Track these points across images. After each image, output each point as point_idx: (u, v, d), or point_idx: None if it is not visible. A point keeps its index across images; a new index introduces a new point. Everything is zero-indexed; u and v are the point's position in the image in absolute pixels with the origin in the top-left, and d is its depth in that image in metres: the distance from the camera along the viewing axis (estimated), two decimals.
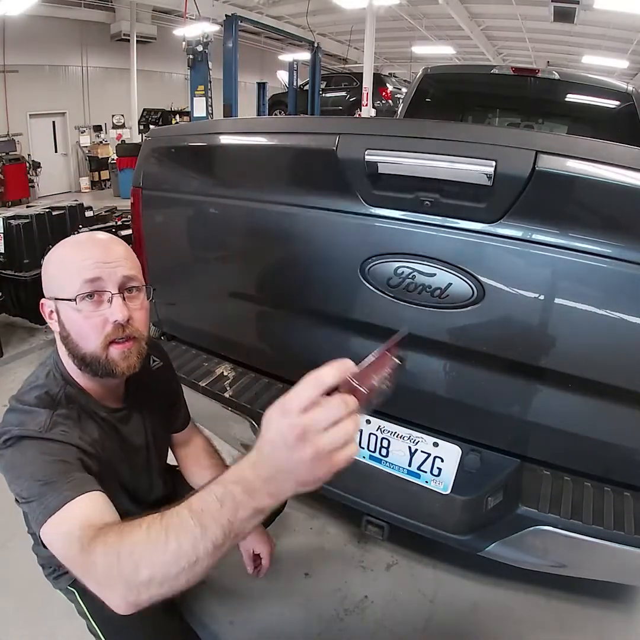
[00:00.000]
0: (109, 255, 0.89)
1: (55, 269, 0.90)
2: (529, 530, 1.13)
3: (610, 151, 0.97)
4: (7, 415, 0.90)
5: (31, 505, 0.79)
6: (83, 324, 0.88)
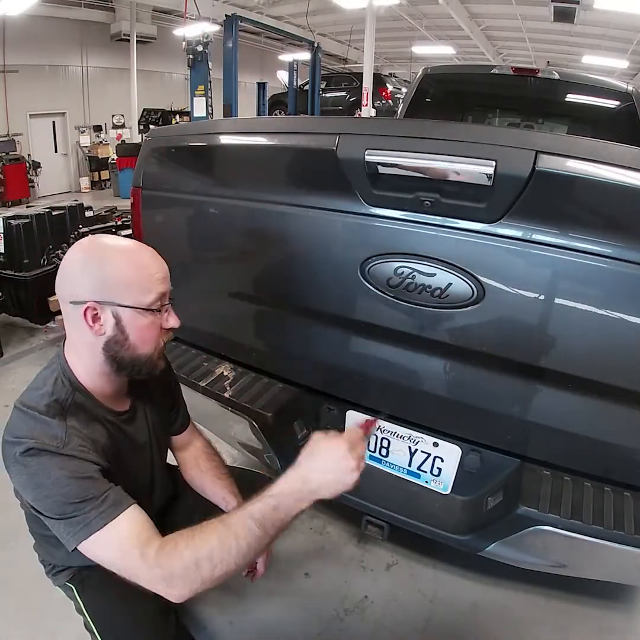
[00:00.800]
0: (163, 266, 0.97)
1: (121, 276, 0.91)
2: (529, 530, 1.13)
3: (610, 151, 0.97)
4: (17, 421, 0.92)
5: (65, 522, 0.85)
6: (149, 330, 0.95)
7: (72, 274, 0.93)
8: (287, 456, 1.44)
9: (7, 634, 1.45)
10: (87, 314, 0.91)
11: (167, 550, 0.82)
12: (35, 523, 1.10)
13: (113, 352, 0.95)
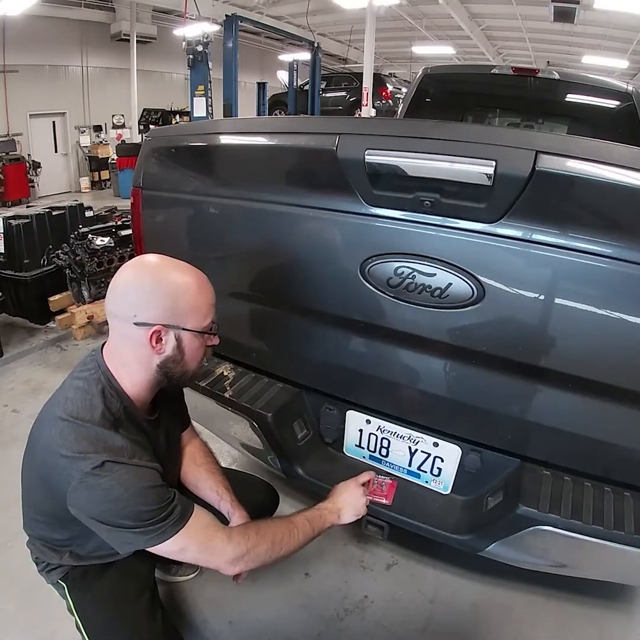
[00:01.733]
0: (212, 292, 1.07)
1: (188, 302, 1.01)
2: (529, 530, 1.13)
3: (610, 151, 0.97)
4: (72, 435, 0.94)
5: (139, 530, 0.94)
6: (200, 349, 1.07)
7: (140, 298, 0.98)
8: (287, 456, 1.45)
9: (7, 634, 1.45)
10: (152, 337, 0.98)
11: (249, 535, 1.05)
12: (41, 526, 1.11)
13: (167, 369, 1.03)
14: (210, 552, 1.02)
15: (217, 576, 1.65)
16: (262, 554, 1.06)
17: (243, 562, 1.04)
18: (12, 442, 2.19)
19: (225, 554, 1.02)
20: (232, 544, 1.02)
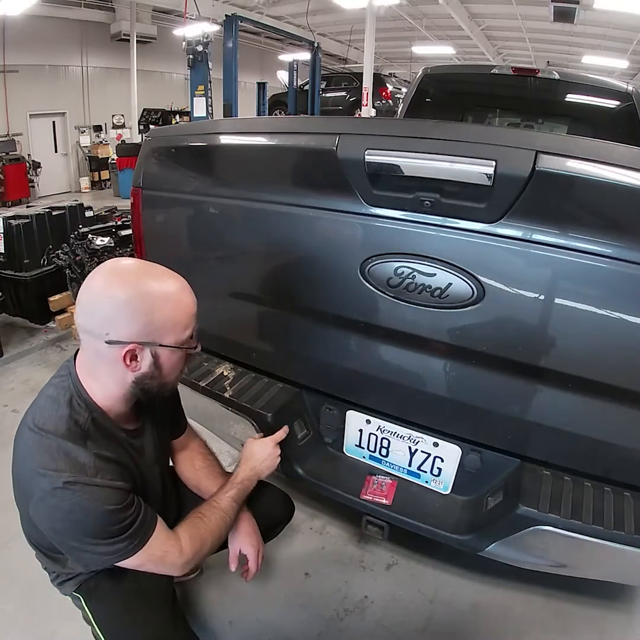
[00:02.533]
0: (194, 303, 0.99)
1: (165, 318, 0.92)
2: (529, 530, 1.13)
3: (610, 151, 0.97)
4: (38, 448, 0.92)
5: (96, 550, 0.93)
6: (180, 363, 1.00)
7: (111, 314, 0.89)
8: (287, 456, 1.45)
9: (7, 634, 1.45)
10: (126, 356, 0.91)
11: (195, 545, 1.06)
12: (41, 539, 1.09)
13: (143, 385, 0.97)
14: (164, 565, 1.04)
15: (217, 576, 1.65)
16: (206, 552, 1.11)
17: (190, 564, 1.07)
18: (11, 442, 2.16)
19: (177, 566, 1.05)
20: (184, 557, 1.04)
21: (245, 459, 1.28)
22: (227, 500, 1.17)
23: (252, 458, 1.27)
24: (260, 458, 1.28)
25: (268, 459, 1.28)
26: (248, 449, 1.30)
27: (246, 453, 1.29)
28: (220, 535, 1.13)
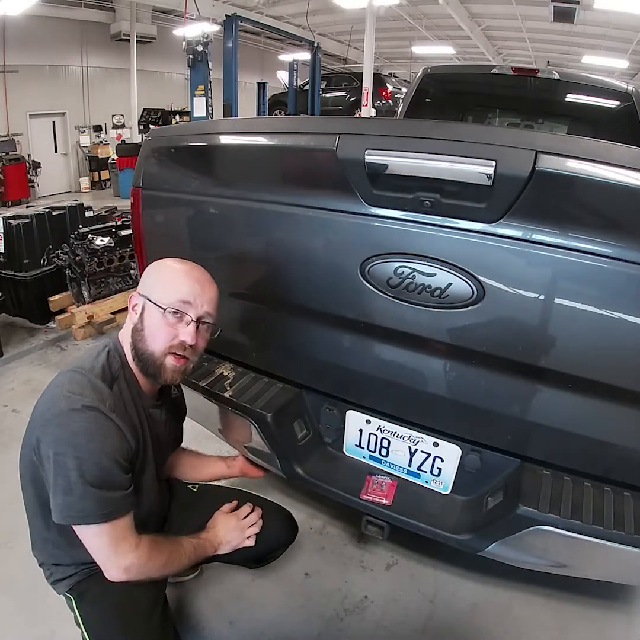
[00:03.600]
0: (204, 291, 1.11)
1: (160, 278, 1.11)
2: (529, 530, 1.13)
3: (610, 151, 0.97)
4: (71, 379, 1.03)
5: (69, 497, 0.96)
6: (159, 328, 1.08)
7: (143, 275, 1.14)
8: (287, 456, 1.45)
9: (7, 634, 1.45)
10: (131, 300, 1.11)
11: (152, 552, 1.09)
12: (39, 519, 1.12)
13: (134, 340, 1.10)
14: (114, 551, 1.03)
15: (217, 576, 1.65)
16: (153, 571, 1.11)
17: (134, 572, 1.06)
18: (12, 442, 2.18)
19: (124, 560, 1.04)
20: (134, 554, 1.05)
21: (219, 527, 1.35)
22: (189, 544, 1.24)
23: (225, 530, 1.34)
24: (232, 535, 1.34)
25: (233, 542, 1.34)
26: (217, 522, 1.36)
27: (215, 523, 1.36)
28: (172, 564, 1.16)
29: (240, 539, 1.34)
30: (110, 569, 1.05)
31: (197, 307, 1.09)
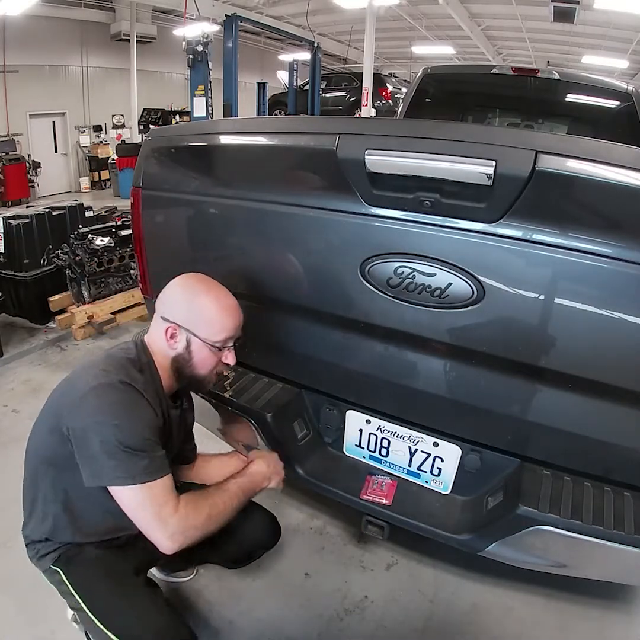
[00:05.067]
0: (239, 319, 1.21)
1: (202, 314, 1.16)
2: (529, 530, 1.13)
3: (610, 151, 0.97)
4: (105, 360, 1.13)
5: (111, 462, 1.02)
6: (209, 360, 1.19)
7: (171, 298, 1.18)
8: (287, 456, 1.45)
9: (7, 634, 1.45)
10: (167, 331, 1.16)
11: (189, 510, 1.08)
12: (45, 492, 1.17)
13: (177, 364, 1.19)
14: (158, 516, 1.05)
15: (217, 576, 1.65)
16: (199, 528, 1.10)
17: (182, 537, 1.07)
18: (11, 442, 2.19)
19: (169, 527, 1.05)
20: (176, 517, 1.06)
21: (259, 457, 1.34)
22: (233, 485, 1.22)
23: (264, 458, 1.34)
24: (272, 460, 1.34)
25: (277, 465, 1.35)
26: (260, 453, 1.37)
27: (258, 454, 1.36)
28: (218, 513, 1.13)
29: (280, 468, 1.35)
30: (157, 538, 1.06)
31: (235, 335, 1.21)
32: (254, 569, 1.66)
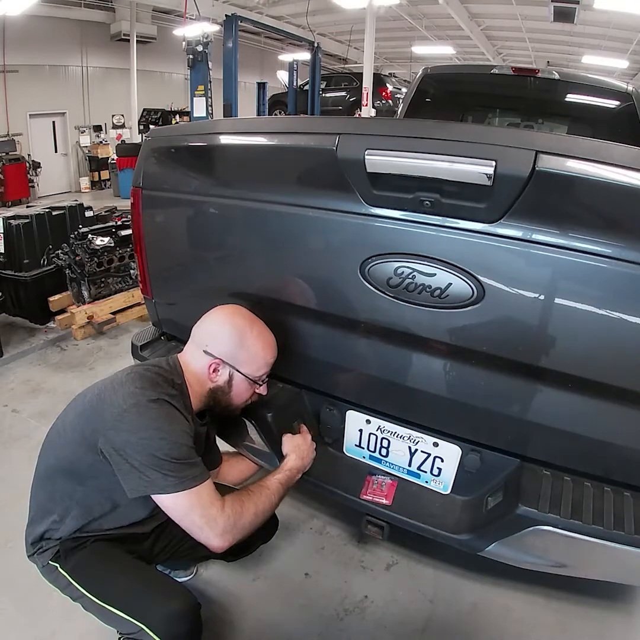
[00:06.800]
0: (276, 354, 1.30)
1: (247, 351, 1.24)
2: (529, 530, 1.13)
3: (610, 151, 0.97)
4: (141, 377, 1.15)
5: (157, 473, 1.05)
6: (246, 392, 1.28)
7: (216, 334, 1.24)
8: None
9: (7, 634, 1.45)
10: (211, 367, 1.23)
11: (237, 508, 1.13)
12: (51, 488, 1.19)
13: (215, 395, 1.27)
14: (207, 517, 1.09)
15: (216, 576, 1.65)
16: (247, 525, 1.15)
17: (230, 535, 1.11)
18: (11, 442, 2.18)
19: (217, 527, 1.09)
20: (223, 517, 1.10)
21: (292, 451, 1.36)
22: (274, 482, 1.27)
23: (298, 449, 1.37)
24: (305, 450, 1.37)
25: (310, 452, 1.39)
26: (293, 442, 1.38)
27: (290, 446, 1.38)
28: (263, 509, 1.20)
29: (312, 451, 1.39)
30: (207, 539, 1.10)
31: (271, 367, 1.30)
32: (254, 569, 1.66)
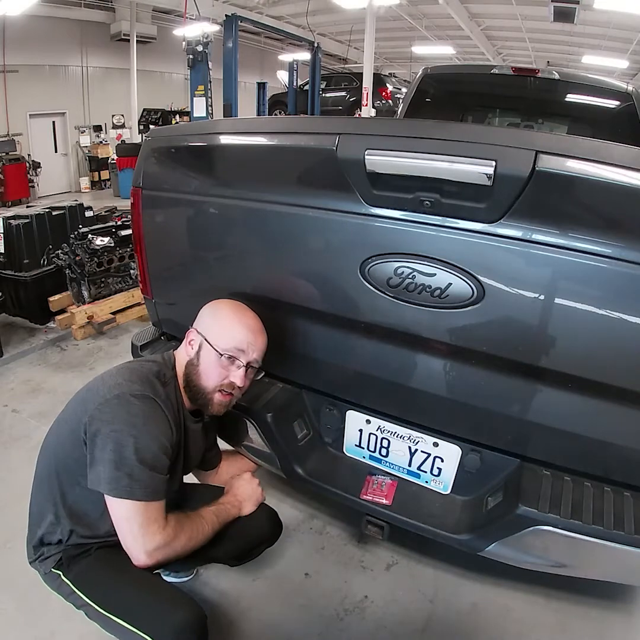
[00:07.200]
0: (256, 340, 1.24)
1: (218, 322, 1.23)
2: (529, 530, 1.13)
3: (610, 151, 0.97)
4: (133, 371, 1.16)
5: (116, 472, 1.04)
6: (213, 368, 1.21)
7: (201, 311, 1.27)
8: (287, 456, 1.45)
9: (7, 634, 1.45)
10: (188, 336, 1.25)
11: (177, 530, 1.12)
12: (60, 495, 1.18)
13: (188, 371, 1.23)
14: (146, 530, 1.07)
15: (216, 577, 1.65)
16: (178, 548, 1.13)
17: (160, 554, 1.10)
18: (11, 442, 2.18)
19: (152, 542, 1.08)
20: (162, 535, 1.09)
21: (232, 489, 1.39)
22: (209, 513, 1.26)
23: (238, 491, 1.39)
24: (244, 493, 1.38)
25: (253, 497, 1.39)
26: (237, 484, 1.41)
27: (233, 487, 1.40)
28: (197, 536, 1.18)
29: (258, 493, 1.39)
30: (136, 551, 1.08)
31: (249, 354, 1.22)
32: (254, 569, 1.66)
